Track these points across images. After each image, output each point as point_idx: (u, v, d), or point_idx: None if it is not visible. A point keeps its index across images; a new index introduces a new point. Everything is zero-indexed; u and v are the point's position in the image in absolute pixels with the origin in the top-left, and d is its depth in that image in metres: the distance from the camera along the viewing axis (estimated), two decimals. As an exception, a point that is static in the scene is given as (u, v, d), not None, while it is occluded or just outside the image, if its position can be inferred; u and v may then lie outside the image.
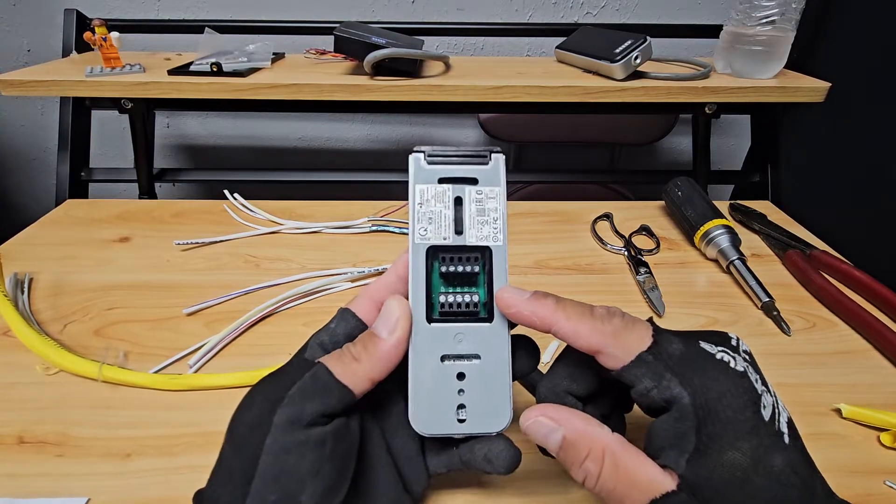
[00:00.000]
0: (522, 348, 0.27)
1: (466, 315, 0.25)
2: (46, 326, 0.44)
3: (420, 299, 0.25)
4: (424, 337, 0.24)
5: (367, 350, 0.23)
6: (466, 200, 0.25)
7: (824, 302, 0.50)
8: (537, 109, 0.73)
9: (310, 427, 0.21)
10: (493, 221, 0.25)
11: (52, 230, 0.59)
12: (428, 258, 0.25)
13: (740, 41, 0.67)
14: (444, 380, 0.24)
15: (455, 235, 0.25)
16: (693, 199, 0.60)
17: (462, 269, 0.25)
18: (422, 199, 0.25)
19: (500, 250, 0.25)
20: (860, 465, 0.34)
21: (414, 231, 0.25)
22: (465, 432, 0.25)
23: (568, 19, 1.04)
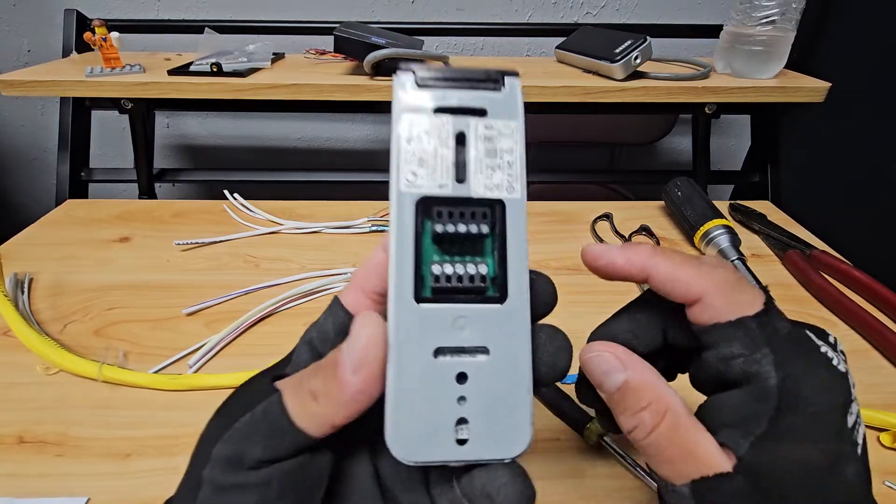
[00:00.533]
0: (548, 345, 0.20)
1: (470, 293, 0.18)
2: (46, 326, 0.44)
3: (406, 270, 0.18)
4: (411, 322, 0.18)
5: (328, 389, 0.17)
6: (472, 137, 0.19)
7: (824, 302, 0.50)
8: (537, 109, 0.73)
9: (252, 469, 0.17)
10: (507, 166, 0.19)
11: (52, 230, 0.59)
12: (418, 213, 0.18)
13: (740, 41, 0.67)
14: (438, 382, 0.17)
15: (456, 184, 0.18)
16: (693, 199, 0.60)
17: (465, 230, 0.18)
18: (410, 135, 0.18)
19: (516, 206, 0.18)
20: (860, 466, 0.34)
21: (399, 176, 0.18)
22: (467, 459, 0.18)
23: (568, 19, 1.04)
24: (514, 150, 0.19)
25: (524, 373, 0.19)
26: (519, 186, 0.19)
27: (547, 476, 0.34)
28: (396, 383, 0.17)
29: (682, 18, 1.04)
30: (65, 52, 0.81)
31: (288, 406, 0.17)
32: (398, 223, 0.18)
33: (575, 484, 0.33)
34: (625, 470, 0.34)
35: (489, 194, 0.19)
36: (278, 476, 0.17)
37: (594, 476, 0.34)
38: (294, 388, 0.18)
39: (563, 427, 0.37)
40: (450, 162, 0.19)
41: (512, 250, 0.19)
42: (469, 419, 0.18)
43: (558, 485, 0.33)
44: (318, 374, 0.17)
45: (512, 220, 0.19)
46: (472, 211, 0.19)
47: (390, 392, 0.17)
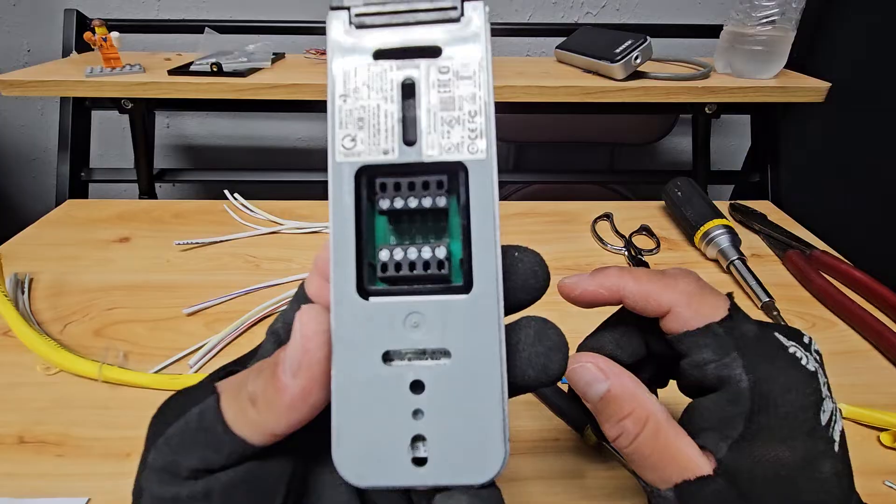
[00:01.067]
0: (537, 344, 0.16)
1: (426, 282, 0.15)
2: (46, 326, 0.44)
3: (346, 259, 0.15)
4: (353, 321, 0.15)
5: (266, 396, 0.15)
6: (422, 86, 0.15)
7: (824, 302, 0.50)
8: (537, 109, 0.73)
9: (190, 479, 0.15)
10: (468, 119, 0.15)
11: (53, 230, 0.59)
12: (359, 187, 0.15)
13: (740, 41, 0.67)
14: (387, 393, 0.15)
15: (404, 147, 0.15)
16: (693, 199, 0.60)
17: (416, 205, 0.15)
18: (346, 89, 0.15)
19: (481, 169, 0.15)
20: (860, 465, 0.34)
21: (334, 142, 0.15)
22: (426, 484, 0.15)
23: (568, 19, 1.04)
24: (476, 98, 0.15)
25: (494, 379, 0.15)
26: (484, 144, 0.15)
27: (547, 476, 0.34)
28: (340, 394, 0.15)
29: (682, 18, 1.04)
30: (65, 52, 0.81)
31: (225, 411, 0.15)
32: (335, 201, 0.15)
33: (575, 484, 0.33)
34: (625, 470, 0.34)
35: (446, 157, 0.15)
36: (219, 488, 0.15)
37: (594, 476, 0.34)
38: (234, 391, 0.16)
39: (563, 427, 0.37)
40: (395, 119, 0.15)
41: (478, 227, 0.15)
42: (427, 436, 0.15)
43: (558, 485, 0.33)
44: (260, 376, 0.15)
45: (477, 189, 0.15)
46: (424, 180, 0.15)
47: (334, 404, 0.15)
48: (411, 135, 0.15)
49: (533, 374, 0.16)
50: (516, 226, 0.63)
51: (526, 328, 0.16)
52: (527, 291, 0.17)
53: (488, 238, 0.15)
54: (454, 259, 0.15)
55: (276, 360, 0.15)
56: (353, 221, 0.15)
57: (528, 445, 0.36)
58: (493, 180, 0.15)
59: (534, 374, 0.16)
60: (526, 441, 0.36)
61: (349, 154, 0.15)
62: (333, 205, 0.15)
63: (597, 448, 0.35)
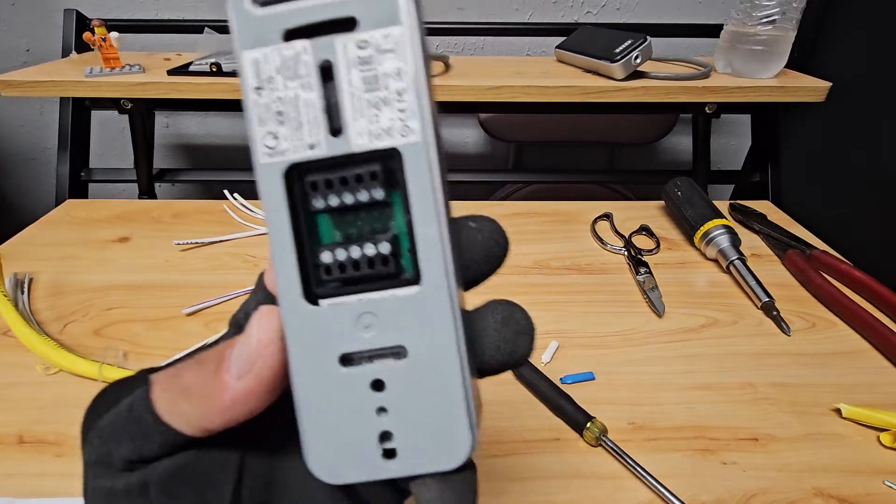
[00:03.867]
0: (504, 330, 0.16)
1: (374, 280, 0.15)
2: (46, 326, 0.44)
3: (287, 265, 0.14)
4: (303, 327, 0.15)
5: (205, 389, 0.14)
6: (341, 66, 0.13)
7: (824, 302, 0.50)
8: (537, 109, 0.73)
9: (126, 471, 0.15)
10: (396, 98, 0.14)
11: (52, 230, 0.59)
12: (291, 189, 0.14)
13: (741, 40, 0.67)
14: (349, 395, 0.15)
15: (331, 138, 0.14)
16: (693, 199, 0.60)
17: (352, 200, 0.14)
18: (259, 80, 0.14)
19: (417, 153, 0.14)
20: (860, 465, 0.34)
21: (255, 143, 0.14)
22: (399, 475, 0.15)
23: (568, 19, 1.04)
24: (403, 73, 0.13)
25: (454, 369, 0.15)
26: (418, 124, 0.14)
27: (547, 476, 0.34)
28: (302, 398, 0.15)
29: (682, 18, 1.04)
30: (64, 52, 0.81)
31: (155, 402, 0.15)
32: (268, 207, 0.14)
33: (575, 484, 0.33)
34: (625, 469, 0.34)
35: (377, 144, 0.14)
36: (156, 478, 0.15)
37: (594, 476, 0.34)
38: (167, 381, 0.15)
39: (563, 427, 0.37)
40: (318, 109, 0.14)
41: (419, 215, 0.14)
42: (394, 431, 0.15)
43: (558, 485, 0.33)
44: (199, 369, 0.15)
45: (414, 174, 0.14)
46: (356, 173, 0.14)
47: (298, 408, 0.15)
48: (337, 123, 0.14)
49: (501, 358, 0.16)
50: (516, 226, 0.63)
51: (493, 313, 0.16)
52: (490, 261, 0.16)
53: (431, 226, 0.14)
54: (403, 251, 0.15)
55: (220, 356, 0.14)
56: (289, 226, 0.14)
57: (527, 445, 0.36)
58: (431, 164, 0.14)
59: (502, 358, 0.16)
60: (526, 441, 0.36)
61: (273, 154, 0.14)
62: (267, 210, 0.14)
63: (596, 448, 0.36)
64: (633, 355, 0.44)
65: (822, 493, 0.32)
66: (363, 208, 0.15)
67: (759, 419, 0.38)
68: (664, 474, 0.33)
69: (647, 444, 0.36)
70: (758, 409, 0.39)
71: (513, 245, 0.17)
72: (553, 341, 0.44)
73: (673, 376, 0.42)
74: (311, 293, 0.15)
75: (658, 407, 0.39)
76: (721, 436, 0.37)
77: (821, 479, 0.33)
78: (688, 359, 0.43)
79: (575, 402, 0.37)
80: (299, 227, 0.14)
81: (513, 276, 0.53)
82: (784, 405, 0.39)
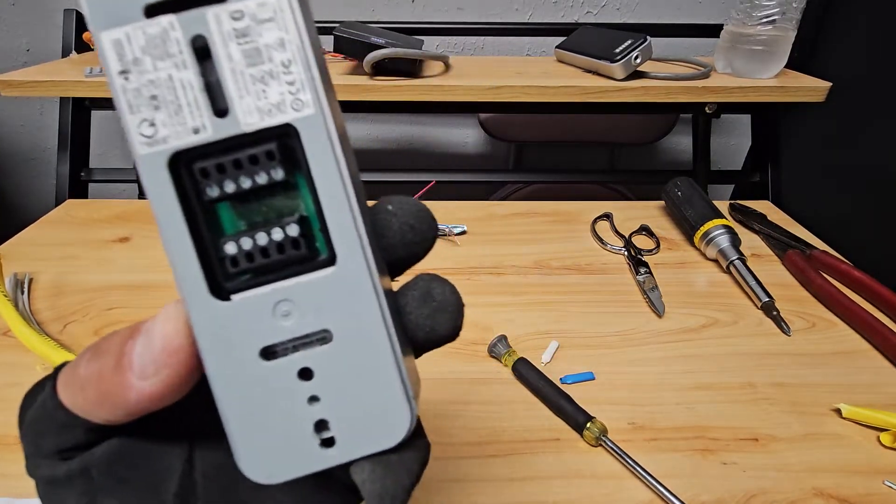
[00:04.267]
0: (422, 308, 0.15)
1: (286, 266, 0.14)
2: (46, 326, 0.44)
3: (186, 260, 0.13)
4: (215, 325, 0.14)
5: (102, 387, 0.13)
6: (217, 40, 0.12)
7: (824, 302, 0.50)
8: (537, 109, 0.73)
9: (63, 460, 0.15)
10: (283, 71, 0.13)
11: (52, 230, 0.59)
12: (180, 180, 0.13)
13: (741, 41, 0.67)
14: (276, 389, 0.14)
15: (216, 120, 0.13)
16: (693, 199, 0.60)
17: (252, 184, 0.13)
18: (124, 63, 0.12)
19: (313, 126, 0.13)
20: (860, 465, 0.34)
21: (130, 132, 0.13)
22: (341, 461, 0.14)
23: (568, 19, 1.04)
24: (287, 42, 0.12)
25: (383, 343, 0.14)
26: (310, 96, 0.13)
27: (547, 476, 0.34)
28: (225, 400, 0.14)
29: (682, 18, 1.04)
30: (64, 52, 0.81)
31: (61, 395, 0.14)
32: (155, 201, 0.13)
33: (574, 484, 0.33)
34: (625, 469, 0.34)
35: (269, 121, 0.13)
36: (96, 463, 0.15)
37: (594, 476, 0.34)
38: (65, 375, 0.15)
39: (563, 426, 0.37)
40: (197, 88, 0.13)
41: (326, 190, 0.13)
42: (329, 419, 0.14)
43: (558, 485, 0.33)
44: (94, 362, 0.14)
45: (314, 149, 0.13)
46: (250, 154, 0.13)
47: (222, 410, 0.14)
48: (221, 103, 0.13)
49: (422, 335, 0.15)
50: (516, 225, 0.63)
51: (412, 290, 0.15)
52: (406, 248, 0.15)
53: (339, 201, 0.13)
54: (315, 231, 0.14)
55: (119, 350, 0.14)
56: (182, 220, 0.13)
57: (527, 445, 0.36)
58: (330, 136, 0.13)
59: (423, 335, 0.15)
60: (526, 441, 0.36)
61: (153, 143, 0.13)
62: (155, 205, 0.13)
63: (596, 448, 0.36)
64: (633, 355, 0.44)
65: (822, 493, 0.32)
66: (265, 192, 0.13)
67: (759, 419, 0.38)
68: (664, 474, 0.33)
69: (647, 445, 0.36)
70: (758, 410, 0.39)
71: (513, 245, 0.16)
72: (553, 341, 0.44)
73: (673, 376, 0.42)
74: (220, 288, 0.14)
75: (658, 407, 0.39)
76: (721, 436, 0.37)
77: (821, 479, 0.33)
78: (688, 359, 0.43)
79: (575, 402, 0.37)
80: (195, 219, 0.13)
81: (513, 276, 0.53)
82: (784, 405, 0.39)
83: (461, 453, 0.35)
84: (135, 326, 0.14)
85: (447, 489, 0.32)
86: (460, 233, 0.61)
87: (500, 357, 0.42)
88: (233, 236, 0.13)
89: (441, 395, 0.39)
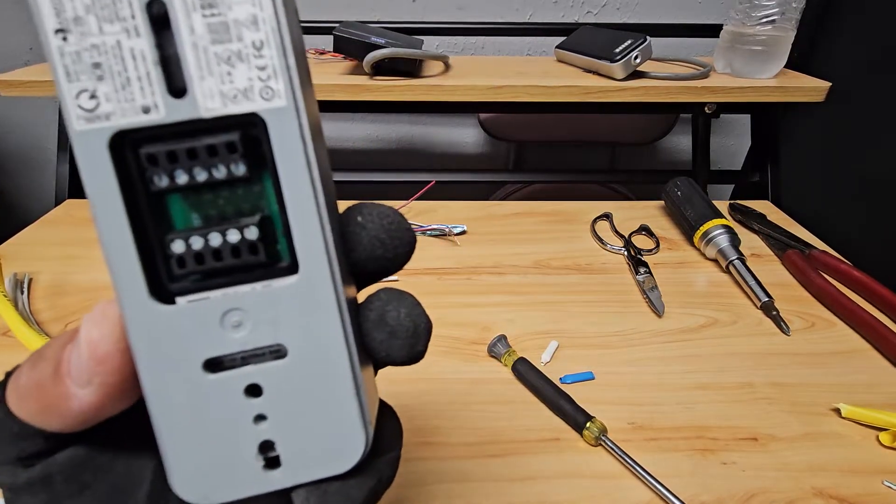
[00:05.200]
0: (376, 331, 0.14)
1: (239, 271, 0.12)
2: (46, 327, 0.44)
3: (125, 256, 0.12)
4: (153, 330, 0.12)
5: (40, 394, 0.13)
6: (177, 6, 0.11)
7: (824, 302, 0.50)
8: (537, 109, 0.73)
9: (27, 466, 0.14)
10: (253, 53, 0.11)
11: (52, 230, 0.59)
12: (123, 163, 0.11)
13: (740, 41, 0.67)
14: (218, 405, 0.13)
15: (171, 99, 0.11)
16: (693, 199, 0.60)
17: (208, 177, 0.12)
18: (62, 20, 0.10)
19: (284, 119, 0.11)
20: (859, 465, 0.34)
21: (67, 103, 0.11)
22: (284, 485, 0.13)
23: (568, 19, 1.04)
24: (261, 21, 0.11)
25: (342, 364, 0.13)
26: (282, 85, 0.11)
27: (546, 476, 0.34)
28: (159, 413, 0.12)
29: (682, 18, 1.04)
30: (64, 52, 0.81)
31: (8, 403, 0.14)
32: (92, 184, 0.11)
33: (574, 484, 0.33)
34: (624, 469, 0.34)
35: (232, 108, 0.11)
36: (57, 470, 0.14)
37: (594, 476, 0.34)
38: (11, 383, 0.14)
39: (562, 426, 0.37)
40: (150, 61, 0.11)
41: (291, 193, 0.12)
42: (275, 440, 0.13)
43: (557, 485, 0.33)
44: (33, 370, 0.13)
45: (282, 145, 0.11)
46: (209, 143, 0.11)
47: (155, 426, 0.12)
48: (179, 80, 0.11)
49: (380, 358, 0.14)
50: (516, 225, 0.63)
51: (368, 308, 0.14)
52: (376, 262, 0.14)
53: (307, 205, 0.12)
54: (277, 234, 0.12)
55: (57, 357, 0.13)
56: (122, 210, 0.11)
57: (527, 445, 0.36)
58: (302, 133, 0.11)
59: (380, 358, 0.14)
60: (525, 441, 0.36)
61: (93, 118, 0.11)
62: (90, 190, 0.11)
63: (596, 447, 0.36)
64: (633, 355, 0.44)
65: (821, 492, 0.32)
66: (223, 184, 0.12)
67: (758, 419, 0.38)
68: (664, 474, 0.33)
69: (647, 444, 0.36)
70: (757, 409, 0.39)
71: (513, 245, 0.16)
72: (553, 341, 0.44)
73: (672, 376, 0.42)
74: (162, 290, 0.12)
75: (658, 407, 0.39)
76: (721, 436, 0.37)
77: (820, 478, 0.33)
78: (687, 358, 0.43)
79: (574, 402, 0.37)
80: (139, 209, 0.12)
81: (512, 276, 0.53)
82: (783, 405, 0.39)
83: (461, 453, 0.35)
84: (75, 330, 0.13)
85: (447, 490, 0.32)
86: (460, 233, 0.61)
87: (499, 357, 0.42)
88: (182, 232, 0.12)
89: (440, 395, 0.39)
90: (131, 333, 0.12)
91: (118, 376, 0.12)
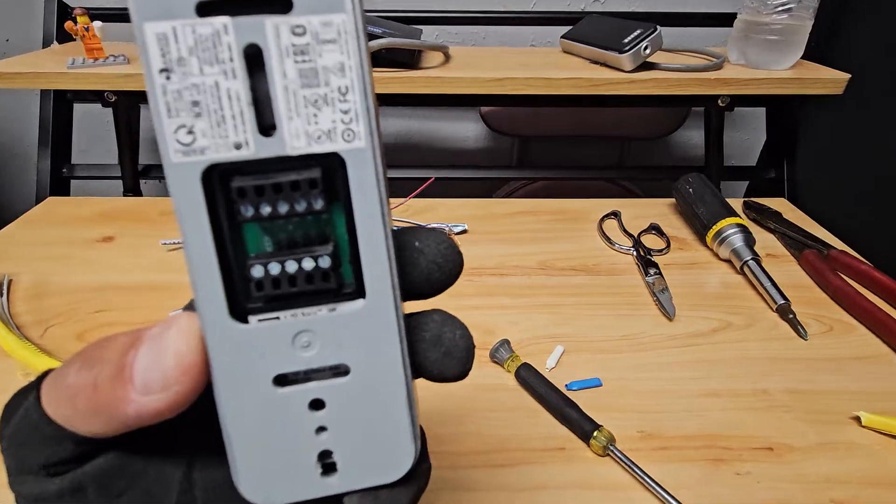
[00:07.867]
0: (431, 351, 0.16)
1: (311, 296, 0.14)
2: (26, 330, 0.44)
3: (210, 279, 0.13)
4: (231, 347, 0.14)
5: (94, 396, 0.13)
6: (273, 52, 0.12)
7: (842, 304, 0.50)
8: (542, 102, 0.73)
9: (54, 476, 0.15)
10: (339, 98, 0.13)
11: (33, 229, 0.60)
12: (213, 194, 0.13)
13: (755, 30, 0.67)
14: (285, 416, 0.14)
15: (260, 137, 0.13)
16: (705, 197, 0.60)
17: (287, 210, 0.13)
18: (167, 61, 0.12)
19: (361, 160, 0.13)
20: (880, 477, 0.34)
21: (166, 137, 0.12)
22: (339, 490, 0.15)
23: (574, 7, 1.04)
24: (347, 69, 0.12)
25: (399, 384, 0.15)
26: (363, 128, 0.13)
27: (553, 486, 0.34)
28: (232, 422, 0.14)
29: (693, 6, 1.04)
30: (45, 43, 0.81)
31: (46, 406, 0.14)
32: (184, 213, 0.13)
33: (581, 495, 0.33)
34: (633, 480, 0.34)
35: (316, 148, 0.13)
36: (89, 480, 0.15)
37: (601, 487, 0.34)
38: (51, 383, 0.14)
39: (569, 436, 0.37)
40: (244, 101, 0.12)
41: (363, 227, 0.13)
42: (334, 450, 0.15)
43: (565, 495, 0.33)
44: (87, 372, 0.13)
45: (360, 183, 0.13)
46: (292, 179, 0.13)
47: (226, 432, 0.14)
48: (268, 119, 0.12)
49: (435, 375, 0.16)
50: (519, 224, 0.63)
51: (423, 330, 0.16)
52: (431, 285, 0.16)
53: (377, 239, 0.14)
54: (344, 263, 0.14)
55: (120, 362, 0.13)
56: (210, 237, 0.13)
57: (532, 455, 0.36)
58: (377, 172, 0.13)
59: (435, 376, 0.16)
60: (530, 450, 0.36)
61: (189, 152, 0.12)
62: (182, 217, 0.13)
63: (603, 457, 0.36)
64: (642, 360, 0.44)
65: (840, 504, 0.33)
66: (294, 220, 0.14)
67: (773, 427, 0.38)
68: (674, 485, 0.33)
69: (657, 454, 0.36)
70: (772, 417, 0.39)
71: (516, 244, 0.17)
72: (558, 346, 0.44)
73: (683, 382, 0.42)
74: (240, 310, 0.14)
75: (668, 414, 0.39)
76: (734, 445, 0.37)
77: (839, 490, 0.33)
78: (699, 364, 0.43)
79: (581, 410, 0.37)
80: (223, 237, 0.13)
81: (516, 278, 0.53)
82: (800, 413, 0.39)
83: (467, 463, 0.35)
84: (136, 335, 0.14)
85: (457, 499, 0.32)
86: (461, 232, 0.61)
87: (502, 362, 0.42)
88: (260, 258, 0.13)
89: (442, 402, 0.39)
90: (211, 348, 0.14)
91: (192, 386, 0.13)
